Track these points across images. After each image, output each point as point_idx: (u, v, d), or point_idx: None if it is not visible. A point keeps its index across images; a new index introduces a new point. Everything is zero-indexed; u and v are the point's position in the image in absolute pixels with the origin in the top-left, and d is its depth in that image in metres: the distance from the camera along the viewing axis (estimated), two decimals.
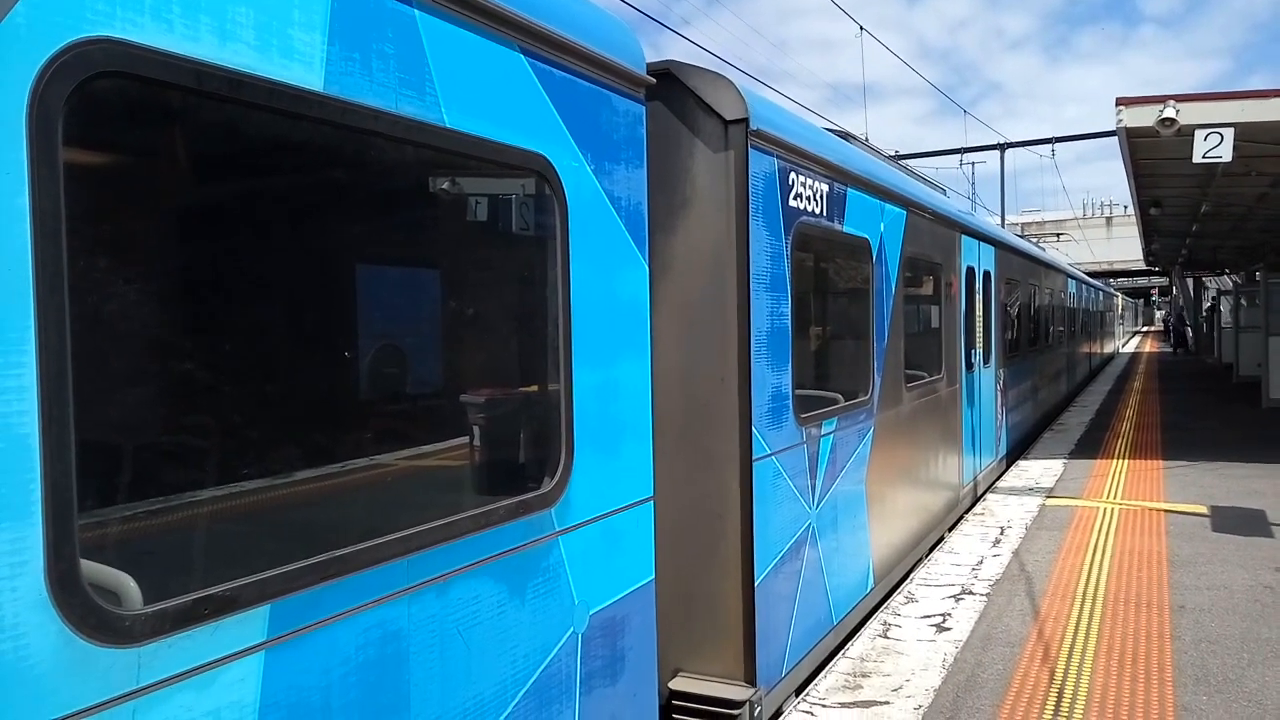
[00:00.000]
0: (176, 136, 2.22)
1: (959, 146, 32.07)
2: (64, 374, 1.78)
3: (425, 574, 2.66)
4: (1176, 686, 5.52)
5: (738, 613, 5.05)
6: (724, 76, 4.97)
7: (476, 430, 3.13)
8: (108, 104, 1.94)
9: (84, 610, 1.81)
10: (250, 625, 2.14)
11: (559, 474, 3.31)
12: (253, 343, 2.49)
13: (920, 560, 8.68)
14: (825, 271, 6.90)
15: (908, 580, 7.91)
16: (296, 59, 2.29)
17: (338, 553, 2.37)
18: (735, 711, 4.87)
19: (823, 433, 6.04)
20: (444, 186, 3.04)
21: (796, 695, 5.61)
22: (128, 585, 1.97)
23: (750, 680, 5.01)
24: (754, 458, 5.00)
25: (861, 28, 21.92)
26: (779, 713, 5.36)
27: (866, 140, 11.09)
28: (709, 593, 5.11)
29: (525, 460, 3.37)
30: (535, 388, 3.37)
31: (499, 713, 2.97)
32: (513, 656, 3.04)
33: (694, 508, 5.07)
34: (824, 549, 6.07)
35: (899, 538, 7.97)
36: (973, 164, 37.38)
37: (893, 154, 24.58)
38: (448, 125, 2.79)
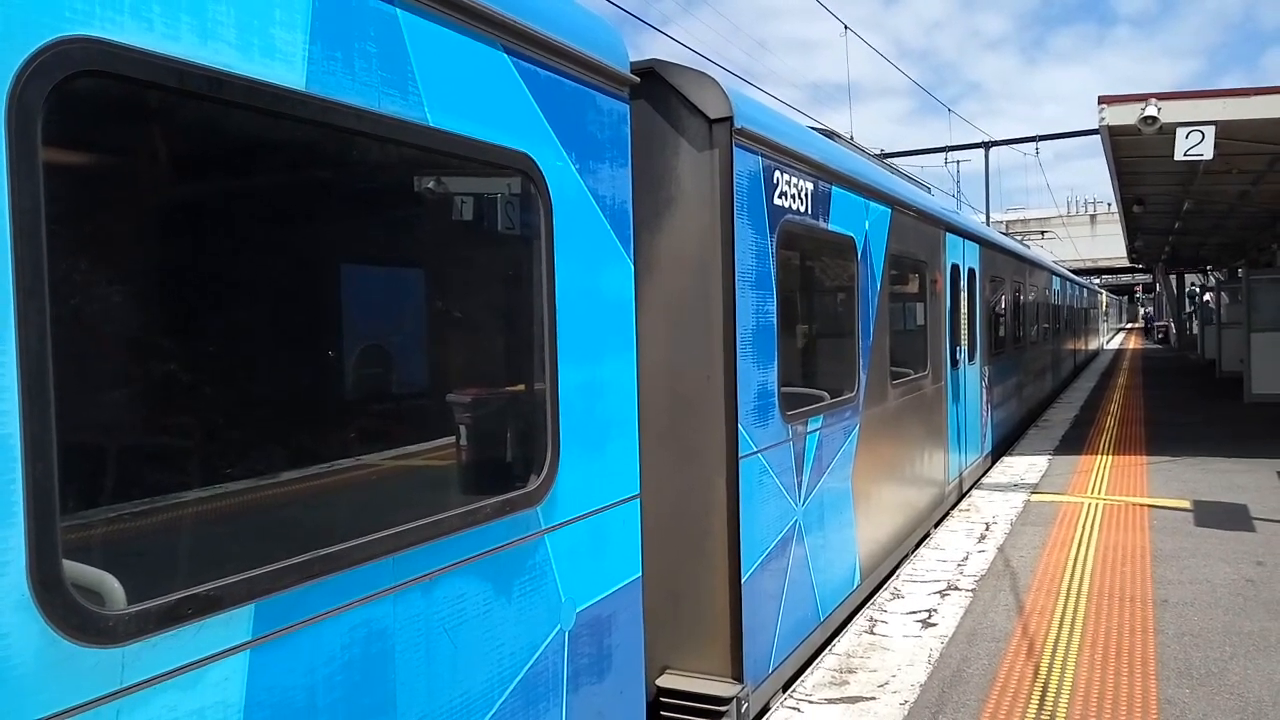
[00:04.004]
0: (158, 136, 2.21)
1: (943, 145, 32.23)
2: (44, 374, 1.78)
3: (411, 573, 2.67)
4: (1160, 680, 5.56)
5: (724, 609, 5.07)
6: (708, 75, 4.98)
7: (462, 429, 3.13)
8: (88, 103, 1.93)
9: (67, 610, 1.81)
10: (235, 625, 2.14)
11: (545, 472, 3.32)
12: (235, 342, 2.49)
13: (907, 556, 8.72)
14: (811, 269, 6.93)
15: (894, 576, 7.93)
16: (278, 58, 2.29)
17: (322, 551, 2.37)
18: (723, 707, 4.89)
19: (808, 430, 6.07)
20: (428, 185, 3.04)
21: (784, 691, 5.63)
22: (111, 585, 1.97)
23: (737, 676, 5.02)
24: (740, 455, 5.01)
25: (846, 27, 22.00)
26: (766, 709, 5.37)
27: (851, 139, 11.12)
28: (696, 590, 5.12)
29: (511, 458, 3.38)
30: (521, 386, 3.37)
31: (485, 711, 2.98)
32: (499, 654, 3.05)
33: (680, 505, 5.09)
34: (810, 546, 6.09)
35: (885, 534, 8.00)
36: (958, 162, 37.60)
37: (878, 152, 24.67)
38: (431, 124, 2.79)
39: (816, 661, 5.99)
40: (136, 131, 2.18)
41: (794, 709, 5.29)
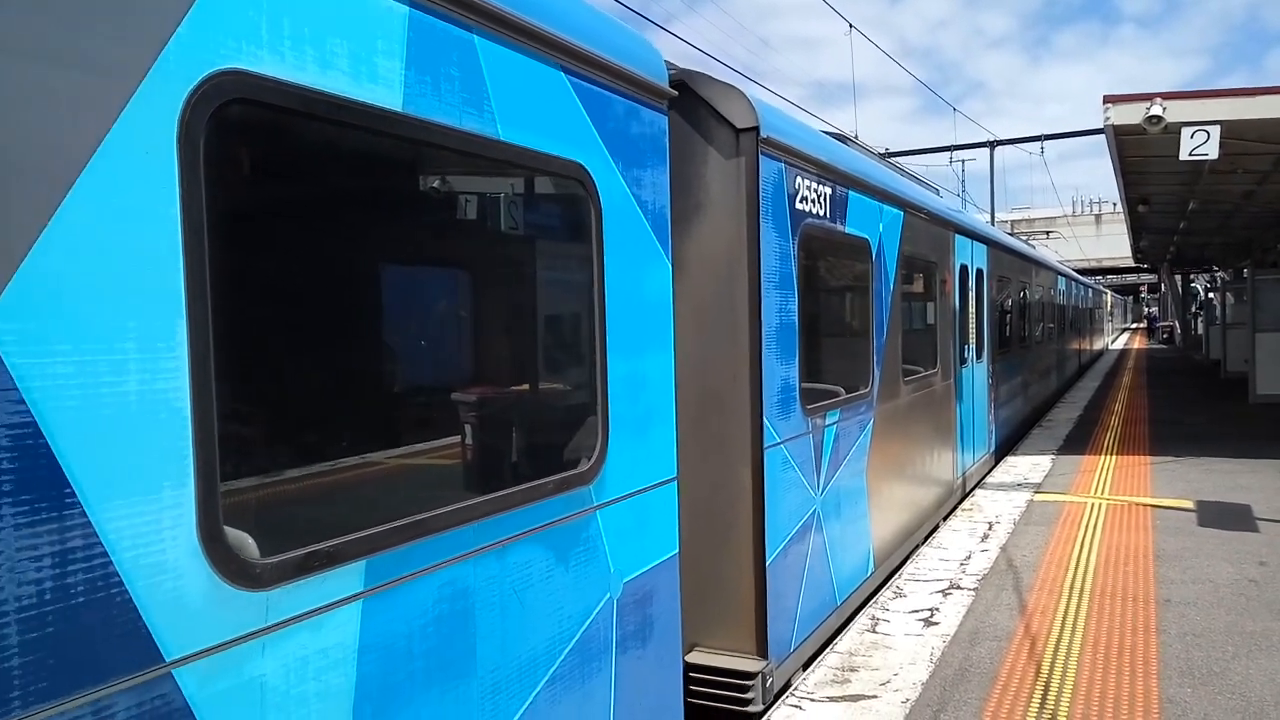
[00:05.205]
0: (290, 152, 2.53)
1: (947, 144, 32.33)
2: (207, 359, 2.10)
3: (488, 539, 2.99)
4: (1162, 679, 5.57)
5: (750, 591, 5.38)
6: (735, 87, 5.29)
7: (529, 415, 3.45)
8: (237, 125, 2.25)
9: (226, 558, 2.13)
10: (351, 577, 2.46)
11: (596, 454, 3.64)
12: (351, 335, 2.81)
13: (917, 547, 9.01)
14: (829, 270, 7.22)
15: (896, 575, 7.99)
16: (381, 83, 2.61)
17: (418, 517, 2.70)
18: (749, 682, 5.20)
19: (826, 423, 6.37)
20: (500, 194, 3.36)
21: (804, 670, 5.94)
22: (247, 543, 2.28)
23: (762, 654, 5.34)
24: (765, 445, 5.32)
25: (851, 25, 22.19)
26: (788, 685, 5.68)
27: (856, 138, 11.38)
28: (723, 572, 5.43)
29: (568, 441, 3.70)
30: (576, 376, 3.70)
31: (548, 667, 3.30)
32: (559, 617, 3.37)
33: (708, 492, 5.39)
34: (828, 533, 6.40)
35: (896, 525, 8.30)
36: (962, 162, 37.69)
37: (883, 151, 24.86)
38: (502, 138, 3.11)
39: (819, 659, 6.05)
40: (273, 149, 2.50)
41: (796, 707, 5.33)
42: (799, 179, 5.83)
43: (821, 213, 6.24)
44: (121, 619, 1.91)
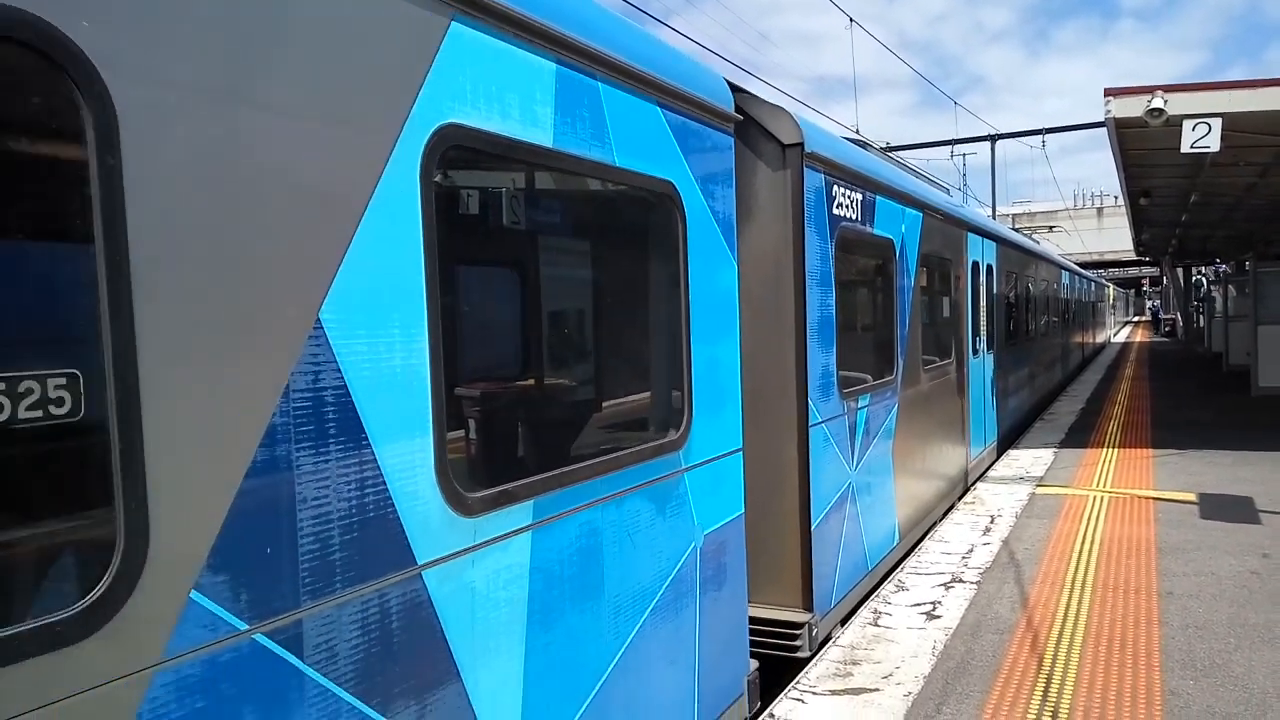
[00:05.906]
0: (483, 184, 3.23)
1: (948, 138, 32.68)
2: (438, 340, 2.80)
3: (610, 490, 3.70)
4: (1164, 671, 5.58)
5: (796, 552, 6.08)
6: (783, 108, 5.97)
7: (640, 390, 4.14)
8: (453, 166, 2.95)
9: (449, 491, 2.83)
10: (524, 513, 3.17)
11: (683, 425, 4.35)
12: (529, 326, 3.53)
13: (936, 523, 9.69)
14: (860, 268, 7.92)
15: (898, 569, 8.09)
16: (539, 126, 3.31)
17: (567, 469, 3.41)
18: (797, 631, 5.91)
19: (859, 406, 7.07)
20: (618, 209, 4.06)
21: (841, 625, 6.64)
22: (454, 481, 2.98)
23: (808, 608, 6.04)
24: (809, 424, 6.02)
25: (851, 19, 22.66)
26: (828, 638, 6.38)
27: (858, 133, 11.97)
28: (772, 536, 6.13)
29: (665, 414, 4.40)
30: (669, 358, 4.39)
31: (652, 598, 4.01)
32: (659, 558, 4.08)
33: (760, 466, 6.08)
34: (861, 505, 7.10)
35: (917, 503, 9.01)
36: (964, 155, 38.01)
37: (884, 146, 25.38)
38: (617, 164, 3.80)
39: (820, 654, 6.15)
40: (473, 182, 3.20)
41: (798, 700, 5.36)
42: (835, 187, 6.52)
43: (854, 216, 6.93)
44: (394, 530, 2.62)
